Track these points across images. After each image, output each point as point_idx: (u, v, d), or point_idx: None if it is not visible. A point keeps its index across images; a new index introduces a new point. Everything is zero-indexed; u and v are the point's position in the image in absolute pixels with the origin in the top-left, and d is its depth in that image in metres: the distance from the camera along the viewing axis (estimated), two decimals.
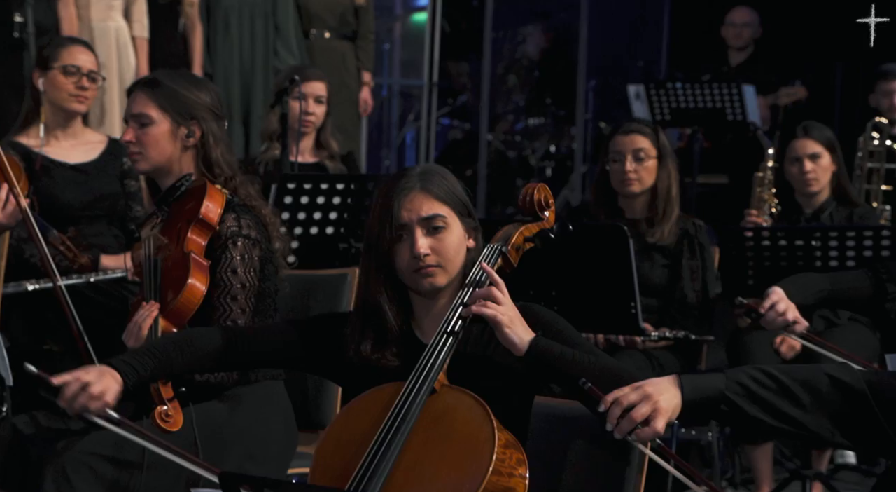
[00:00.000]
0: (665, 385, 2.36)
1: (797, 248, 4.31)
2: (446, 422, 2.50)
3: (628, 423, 2.33)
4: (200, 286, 3.14)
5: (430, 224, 2.64)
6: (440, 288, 2.67)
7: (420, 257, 2.62)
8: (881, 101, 6.69)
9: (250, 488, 1.96)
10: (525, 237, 2.74)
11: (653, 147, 4.52)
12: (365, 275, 2.72)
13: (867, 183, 5.70)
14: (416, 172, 2.69)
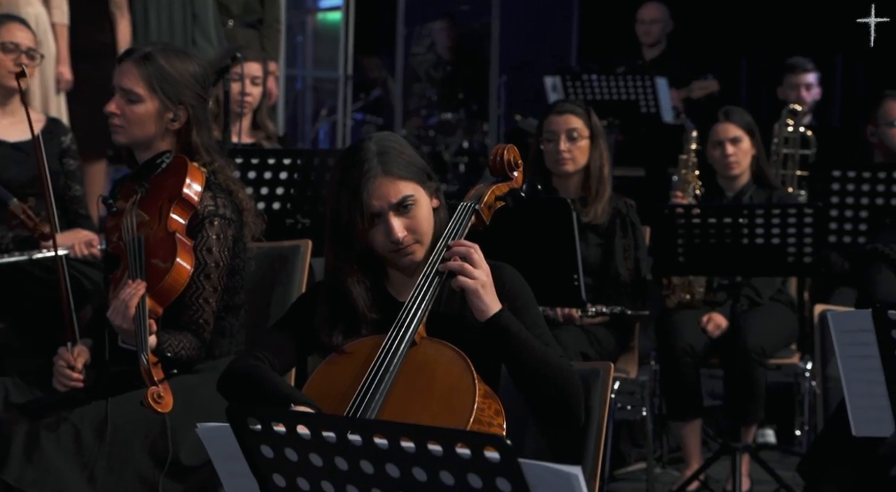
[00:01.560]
0: None
1: (726, 225, 4.46)
2: (427, 373, 2.57)
3: None
4: (187, 266, 3.14)
5: (401, 206, 2.68)
6: (419, 262, 2.73)
7: (399, 241, 2.68)
8: (789, 94, 6.93)
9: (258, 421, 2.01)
10: (496, 196, 2.81)
11: (585, 127, 4.64)
12: (333, 259, 2.75)
13: (783, 168, 5.89)
14: (374, 152, 2.68)
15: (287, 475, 2.02)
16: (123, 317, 3.06)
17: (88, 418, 3.17)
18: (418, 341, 2.62)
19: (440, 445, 1.85)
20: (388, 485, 1.93)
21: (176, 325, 3.23)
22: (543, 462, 1.81)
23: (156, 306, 3.11)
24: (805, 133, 6.00)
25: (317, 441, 1.95)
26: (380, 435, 1.90)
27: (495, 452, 1.81)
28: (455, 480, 1.86)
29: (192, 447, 3.21)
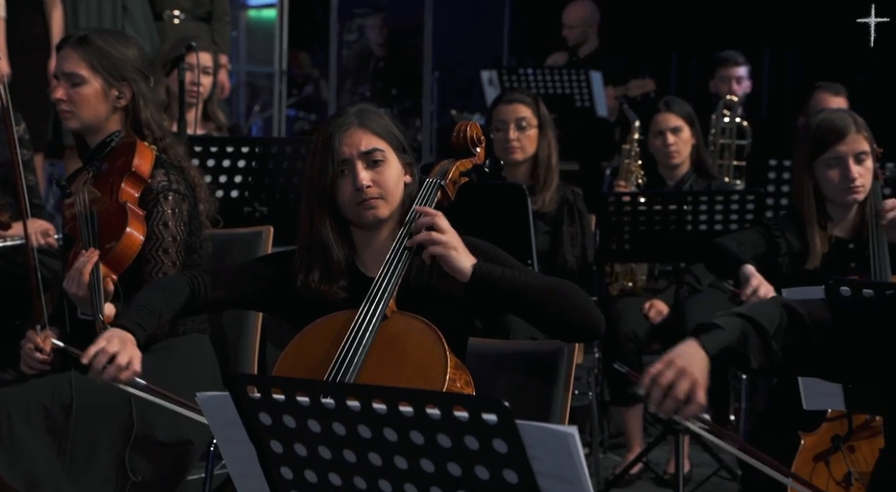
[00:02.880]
0: (691, 351, 2.32)
1: (670, 212, 4.58)
2: (399, 346, 2.66)
3: (672, 403, 2.28)
4: (138, 235, 3.23)
5: (369, 158, 2.80)
6: (382, 220, 2.83)
7: (363, 189, 2.78)
8: (721, 87, 7.09)
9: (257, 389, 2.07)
10: (461, 172, 2.91)
11: (534, 116, 4.75)
12: (308, 212, 2.86)
13: (720, 158, 6.05)
14: (353, 111, 2.85)
15: (284, 442, 2.08)
16: (79, 284, 3.12)
17: (57, 399, 3.21)
18: (389, 315, 2.71)
19: (438, 408, 1.92)
20: (385, 449, 1.99)
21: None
22: (539, 423, 1.90)
23: (109, 273, 3.17)
24: (741, 124, 6.16)
25: (315, 407, 2.02)
26: (378, 400, 1.97)
27: (493, 414, 1.89)
28: (452, 442, 1.93)
29: (160, 425, 3.27)
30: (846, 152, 3.65)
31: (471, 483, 1.95)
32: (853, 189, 3.66)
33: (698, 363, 2.30)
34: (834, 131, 3.66)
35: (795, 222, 3.76)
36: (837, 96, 6.25)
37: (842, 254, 3.72)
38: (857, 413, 3.32)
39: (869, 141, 3.70)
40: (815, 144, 3.68)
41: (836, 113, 3.75)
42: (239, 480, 2.20)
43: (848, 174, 3.64)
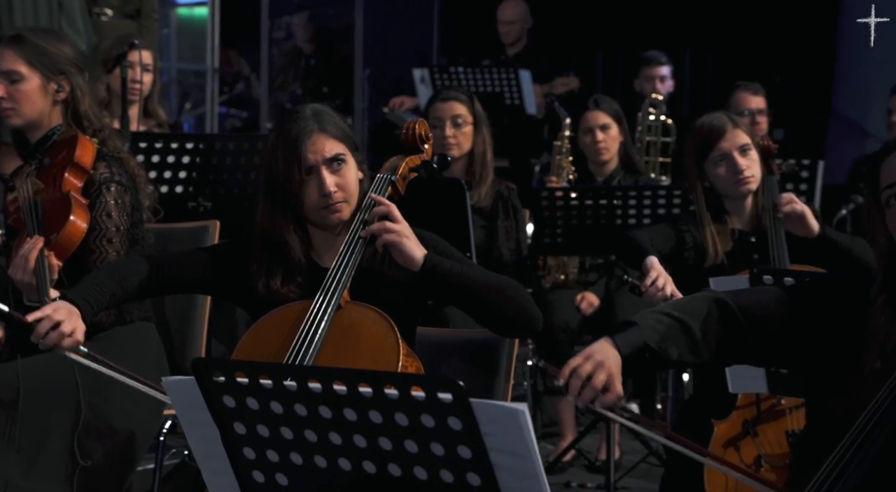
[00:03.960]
0: (605, 349, 2.44)
1: (601, 206, 4.74)
2: (353, 334, 2.77)
3: (590, 392, 2.40)
4: (82, 222, 3.32)
5: (333, 163, 2.91)
6: (345, 221, 2.94)
7: (329, 195, 2.88)
8: (645, 86, 7.27)
9: (222, 373, 2.17)
10: (410, 167, 3.03)
11: (469, 113, 4.88)
12: (269, 213, 2.95)
13: (646, 155, 6.22)
14: (309, 114, 2.95)
15: (247, 423, 2.18)
16: (24, 270, 3.21)
17: (4, 387, 3.28)
18: (343, 305, 2.82)
19: (396, 388, 2.04)
20: (345, 428, 2.11)
21: None
22: (492, 401, 2.02)
23: (54, 259, 3.25)
24: (666, 122, 6.35)
25: (278, 390, 2.13)
26: (339, 382, 2.09)
27: (448, 393, 2.01)
28: (409, 420, 2.05)
29: (109, 411, 3.35)
30: (729, 147, 3.85)
31: (427, 459, 2.07)
32: (744, 180, 3.85)
33: (612, 358, 2.42)
34: (713, 131, 3.86)
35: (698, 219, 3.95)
36: (756, 95, 6.46)
37: (744, 247, 3.90)
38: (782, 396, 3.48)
39: (749, 134, 3.90)
40: (699, 147, 3.88)
41: (712, 115, 3.94)
42: (203, 461, 2.29)
43: (736, 167, 3.84)
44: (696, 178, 3.92)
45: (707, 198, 3.94)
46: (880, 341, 2.51)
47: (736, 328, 2.55)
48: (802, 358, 2.63)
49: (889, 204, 2.54)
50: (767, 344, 2.58)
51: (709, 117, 3.93)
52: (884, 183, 2.55)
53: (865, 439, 2.39)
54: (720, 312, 2.55)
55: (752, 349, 2.59)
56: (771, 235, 3.82)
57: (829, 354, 2.58)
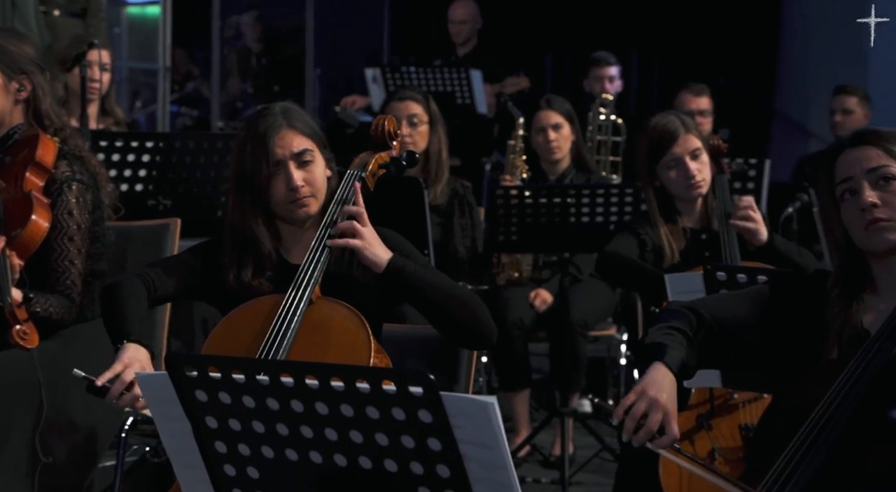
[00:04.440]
0: (660, 376, 2.44)
1: (555, 205, 4.80)
2: (324, 330, 2.81)
3: (645, 434, 2.39)
4: (43, 222, 3.33)
5: (301, 158, 2.96)
6: (312, 216, 2.99)
7: (296, 189, 2.93)
8: (594, 86, 7.36)
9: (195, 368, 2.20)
10: (379, 164, 3.08)
11: (425, 113, 4.93)
12: (239, 208, 3.00)
13: (597, 154, 6.31)
14: (278, 111, 3.00)
15: (219, 417, 2.22)
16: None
17: None
18: (315, 301, 2.86)
19: (367, 382, 2.08)
20: (316, 422, 2.15)
21: (44, 288, 3.38)
22: (462, 394, 2.07)
23: (16, 259, 3.25)
24: (616, 121, 6.44)
25: (250, 384, 2.16)
26: (311, 376, 2.13)
27: (419, 387, 2.06)
28: (380, 414, 2.09)
29: (71, 408, 3.36)
30: (681, 153, 3.93)
31: (397, 452, 2.11)
32: (695, 185, 3.94)
33: (668, 387, 2.44)
34: (667, 135, 3.93)
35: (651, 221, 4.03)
36: (699, 96, 6.59)
37: (696, 245, 3.99)
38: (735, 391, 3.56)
39: (699, 137, 3.98)
40: (652, 151, 3.95)
41: (665, 118, 4.01)
42: (174, 455, 2.32)
43: (687, 173, 3.92)
44: (647, 179, 3.99)
45: (658, 198, 4.02)
46: (836, 332, 2.61)
47: (713, 338, 2.63)
48: (770, 359, 2.72)
49: (843, 198, 2.64)
50: (740, 350, 2.68)
51: (662, 120, 4.00)
52: (838, 178, 2.65)
53: (825, 427, 2.47)
54: (699, 323, 2.63)
55: (726, 356, 2.69)
56: (723, 233, 3.91)
57: (794, 350, 2.68)
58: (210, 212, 4.40)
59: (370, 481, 2.16)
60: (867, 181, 2.60)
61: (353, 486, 2.17)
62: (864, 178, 2.60)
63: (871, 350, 2.52)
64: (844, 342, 2.62)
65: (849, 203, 2.62)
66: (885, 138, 2.64)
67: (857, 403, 2.48)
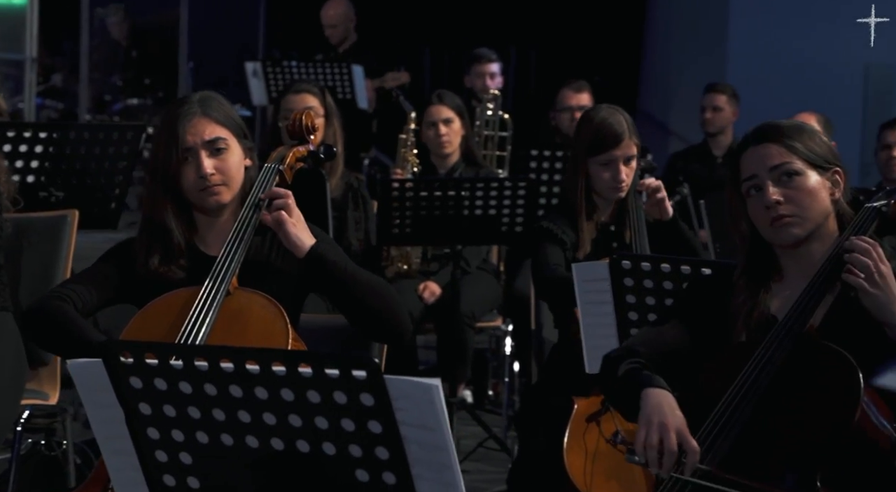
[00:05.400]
0: (657, 400, 2.53)
1: (449, 198, 4.84)
2: (242, 320, 2.80)
3: (669, 460, 2.46)
4: None
5: (213, 146, 2.94)
6: (224, 205, 2.98)
7: (206, 177, 2.92)
8: (475, 82, 7.43)
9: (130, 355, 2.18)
10: (297, 157, 3.09)
11: (321, 106, 4.93)
12: (151, 196, 2.98)
13: (484, 149, 6.37)
14: (196, 99, 2.99)
15: (154, 403, 2.20)
16: None
17: None
18: (232, 291, 2.85)
19: (310, 367, 2.09)
20: (255, 407, 2.14)
21: None
22: (405, 377, 2.10)
23: None
24: (503, 117, 6.51)
25: (188, 370, 2.16)
26: (252, 362, 2.13)
27: (362, 370, 2.07)
28: (321, 397, 2.10)
29: None
30: (619, 156, 4.00)
31: (336, 435, 2.12)
32: (620, 188, 4.02)
33: (668, 407, 2.52)
34: (612, 137, 3.98)
35: (566, 214, 4.08)
36: (580, 93, 6.71)
37: (606, 236, 4.07)
38: None
39: (638, 145, 4.06)
40: (592, 144, 4.00)
41: (614, 116, 4.05)
42: (104, 442, 2.29)
43: (618, 176, 4.00)
44: (580, 171, 4.02)
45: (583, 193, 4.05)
46: (744, 317, 2.71)
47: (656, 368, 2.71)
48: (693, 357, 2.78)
49: (749, 194, 2.74)
50: (676, 370, 2.74)
51: (611, 119, 4.01)
52: (743, 175, 2.75)
53: (737, 408, 2.56)
54: (640, 357, 2.72)
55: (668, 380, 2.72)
56: (633, 219, 3.99)
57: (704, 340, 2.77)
58: (105, 204, 4.33)
59: (307, 465, 2.17)
60: (770, 178, 2.70)
61: (288, 470, 2.18)
62: (767, 175, 2.70)
63: (780, 333, 2.62)
64: (753, 328, 2.72)
65: (754, 199, 2.72)
66: (787, 134, 2.74)
67: (767, 384, 2.58)
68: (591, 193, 4.05)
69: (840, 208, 2.74)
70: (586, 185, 4.02)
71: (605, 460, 3.40)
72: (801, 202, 2.68)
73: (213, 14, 9.89)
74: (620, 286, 3.28)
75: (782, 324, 2.64)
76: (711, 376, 2.68)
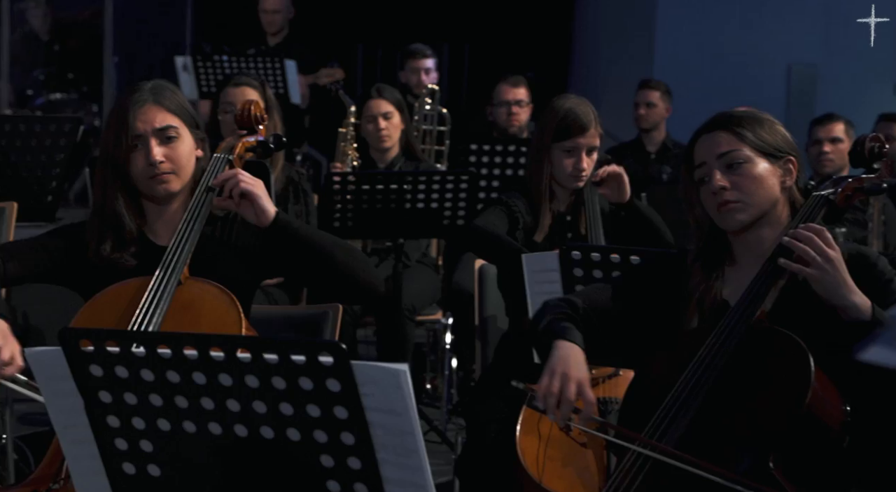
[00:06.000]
0: (565, 352, 2.62)
1: (390, 191, 4.83)
2: (194, 310, 2.77)
3: (566, 408, 2.55)
4: None
5: (163, 134, 2.92)
6: (174, 193, 2.95)
7: (155, 165, 2.89)
8: (410, 78, 7.43)
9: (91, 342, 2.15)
10: (246, 147, 3.06)
11: (261, 99, 4.87)
12: (102, 184, 2.95)
13: (423, 144, 6.37)
14: (147, 87, 2.96)
15: (114, 391, 2.17)
16: None
17: None
18: (184, 281, 2.82)
19: (276, 353, 2.07)
20: (219, 393, 2.12)
21: None
22: (372, 362, 2.09)
23: None
24: (441, 111, 6.52)
25: (150, 357, 2.13)
26: (216, 348, 2.10)
27: (329, 356, 2.06)
28: (287, 383, 2.08)
29: None
30: (583, 145, 4.02)
31: (301, 421, 2.10)
32: (580, 178, 4.04)
33: (574, 360, 2.60)
34: (578, 124, 4.00)
35: (526, 198, 4.09)
36: (517, 87, 6.74)
37: (561, 226, 4.09)
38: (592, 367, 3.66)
39: (601, 137, 4.09)
40: (558, 130, 4.01)
41: (581, 106, 4.06)
42: (62, 430, 2.26)
43: (579, 165, 4.01)
44: (544, 157, 4.03)
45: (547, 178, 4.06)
46: (697, 302, 2.75)
47: (590, 324, 2.79)
48: (638, 335, 2.86)
49: (702, 181, 2.77)
50: (614, 332, 2.83)
51: (577, 108, 4.02)
52: (696, 162, 2.79)
53: (692, 391, 2.59)
54: (575, 310, 2.79)
55: (603, 339, 2.83)
56: (588, 211, 4.01)
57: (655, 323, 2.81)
58: (41, 196, 4.28)
59: (271, 451, 2.15)
60: (718, 166, 2.74)
61: (252, 456, 2.16)
62: (715, 162, 2.75)
63: (732, 319, 2.66)
64: (705, 312, 2.76)
65: (705, 186, 2.77)
66: (737, 122, 2.78)
67: (721, 369, 2.61)
68: (550, 182, 4.06)
69: (792, 196, 2.79)
70: (550, 172, 4.03)
71: (558, 447, 3.41)
72: (747, 189, 2.73)
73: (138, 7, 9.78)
74: (570, 276, 3.29)
75: (734, 310, 2.68)
76: (666, 362, 2.72)
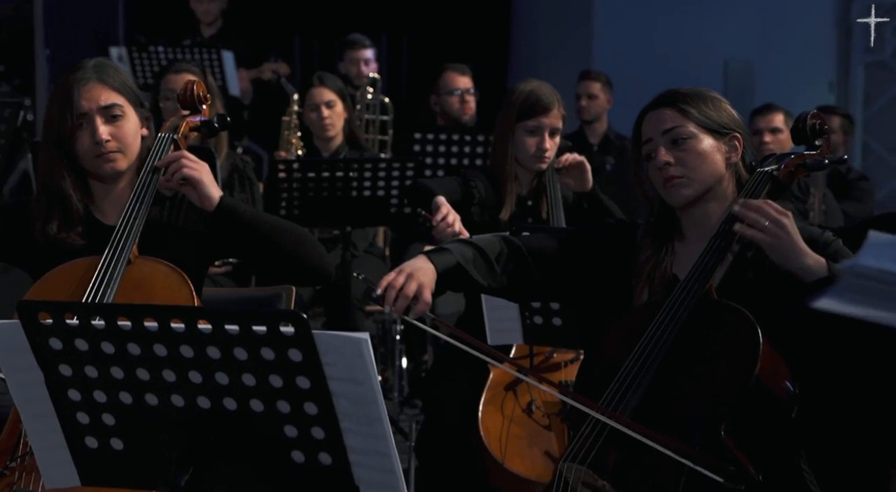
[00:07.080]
0: (421, 263, 2.67)
1: (336, 178, 4.84)
2: (146, 288, 2.77)
3: (402, 300, 2.60)
4: None
5: (108, 112, 2.91)
6: (121, 172, 2.94)
7: (101, 143, 2.88)
8: (350, 69, 7.43)
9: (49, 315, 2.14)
10: (190, 127, 3.06)
11: None
12: (47, 163, 2.94)
13: (366, 133, 6.38)
14: (90, 65, 2.95)
15: (74, 365, 2.17)
16: None
17: None
18: (133, 260, 2.82)
19: (237, 324, 2.08)
20: (180, 365, 2.13)
21: None
22: (334, 331, 2.10)
23: None
24: (384, 100, 6.53)
25: (110, 330, 2.13)
26: (177, 320, 2.11)
27: (290, 326, 2.07)
28: (248, 354, 2.09)
29: None
30: (546, 125, 4.05)
31: (264, 391, 2.12)
32: (543, 158, 4.08)
33: (424, 273, 2.64)
34: (541, 104, 4.04)
35: (490, 177, 4.12)
36: (463, 76, 6.75)
37: (522, 209, 4.13)
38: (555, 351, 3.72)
39: (564, 119, 4.13)
40: (521, 110, 4.04)
41: (544, 87, 4.10)
42: (23, 405, 2.25)
43: (542, 145, 4.05)
44: (508, 137, 4.05)
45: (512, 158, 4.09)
46: (647, 276, 2.79)
47: (524, 265, 2.82)
48: (580, 294, 2.91)
49: (649, 157, 2.82)
50: (550, 280, 2.85)
51: (541, 89, 4.05)
52: (643, 139, 2.84)
53: (643, 365, 2.64)
54: (510, 250, 2.82)
55: (538, 285, 2.86)
56: (550, 195, 4.05)
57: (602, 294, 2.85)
58: None
59: (234, 422, 2.16)
60: (663, 142, 2.79)
61: (215, 427, 2.17)
62: (660, 139, 2.80)
63: (682, 293, 2.70)
64: (655, 286, 2.80)
65: (651, 162, 2.81)
66: (682, 99, 2.83)
67: (672, 342, 2.65)
68: (514, 164, 4.09)
69: (738, 172, 2.83)
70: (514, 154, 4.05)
71: (520, 428, 3.45)
72: (691, 164, 2.77)
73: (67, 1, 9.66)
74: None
75: (683, 284, 2.72)
76: (617, 336, 2.76)
